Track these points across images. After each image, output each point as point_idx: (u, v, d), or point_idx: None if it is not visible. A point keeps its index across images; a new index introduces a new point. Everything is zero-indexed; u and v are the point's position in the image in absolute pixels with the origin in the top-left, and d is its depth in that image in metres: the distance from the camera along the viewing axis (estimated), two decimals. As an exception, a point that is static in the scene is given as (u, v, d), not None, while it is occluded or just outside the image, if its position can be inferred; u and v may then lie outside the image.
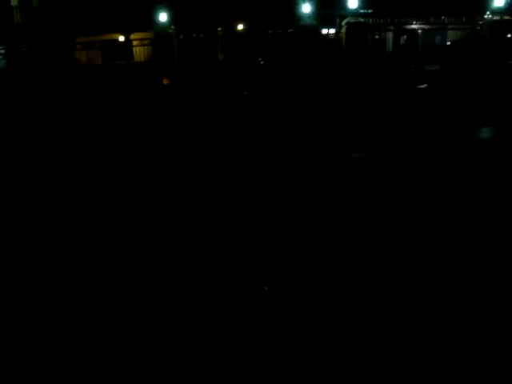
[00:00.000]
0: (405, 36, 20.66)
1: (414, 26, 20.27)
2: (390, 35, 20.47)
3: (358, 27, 18.79)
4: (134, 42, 19.89)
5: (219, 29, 19.83)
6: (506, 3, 20.19)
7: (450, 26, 20.87)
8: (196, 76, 18.64)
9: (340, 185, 8.92)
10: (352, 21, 18.76)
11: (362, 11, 19.11)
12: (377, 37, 20.22)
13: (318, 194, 8.39)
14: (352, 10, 18.78)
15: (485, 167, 9.78)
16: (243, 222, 7.18)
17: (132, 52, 19.72)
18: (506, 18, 20.28)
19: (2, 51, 20.10)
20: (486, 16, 20.27)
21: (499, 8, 20.07)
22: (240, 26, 19.69)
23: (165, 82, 18.18)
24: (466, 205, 7.62)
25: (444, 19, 20.57)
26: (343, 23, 19.09)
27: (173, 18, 18.55)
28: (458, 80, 18.67)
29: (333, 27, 19.62)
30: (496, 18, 20.12)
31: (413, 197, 8.14)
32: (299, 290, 5.18)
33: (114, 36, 20.79)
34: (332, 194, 8.40)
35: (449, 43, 20.99)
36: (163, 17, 18.53)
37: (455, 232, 6.52)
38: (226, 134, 13.56)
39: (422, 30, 20.55)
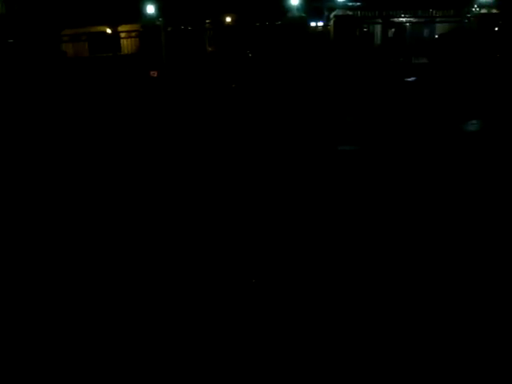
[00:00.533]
0: (393, 29, 20.71)
1: (402, 19, 20.34)
2: (378, 28, 20.51)
3: (347, 20, 18.80)
4: (122, 35, 19.74)
5: (207, 21, 19.78)
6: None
7: (437, 19, 20.97)
8: (184, 68, 18.55)
9: (326, 178, 8.94)
10: (340, 13, 18.74)
11: (351, 4, 19.14)
12: (365, 30, 20.27)
13: (303, 187, 8.40)
14: (340, 2, 18.77)
15: (473, 159, 9.85)
16: (227, 215, 7.18)
17: (119, 44, 19.57)
18: (494, 11, 20.39)
19: (-13, 43, 19.86)
20: (473, 9, 20.36)
21: (487, 1, 20.16)
22: (228, 19, 19.65)
23: (152, 74, 18.08)
24: (455, 197, 7.68)
25: (432, 12, 20.68)
26: (331, 16, 19.07)
27: (160, 9, 18.45)
28: (445, 73, 18.76)
29: (321, 20, 19.65)
30: (484, 11, 20.21)
31: (400, 189, 8.18)
32: (284, 284, 5.21)
33: (101, 28, 20.64)
34: (318, 186, 8.41)
35: (437, 36, 21.08)
36: (150, 9, 18.42)
37: (445, 225, 6.57)
38: (213, 127, 13.52)
39: (410, 23, 20.63)
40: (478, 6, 20.42)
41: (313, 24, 19.67)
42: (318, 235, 6.39)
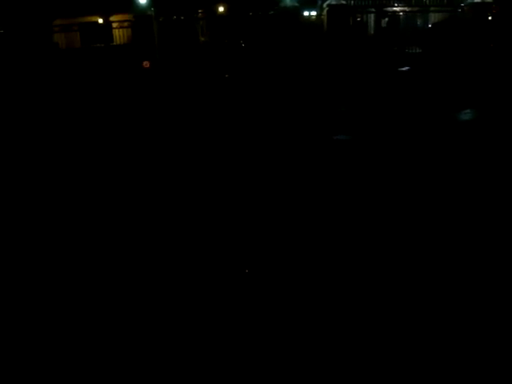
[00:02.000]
0: (386, 19, 20.65)
1: (395, 9, 20.28)
2: (371, 18, 20.43)
3: (340, 9, 18.73)
4: (114, 25, 19.55)
5: (200, 11, 19.63)
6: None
7: (431, 9, 20.91)
8: (177, 58, 18.43)
9: (322, 168, 8.94)
10: (333, 3, 18.67)
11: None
12: (358, 19, 20.19)
13: (297, 176, 8.40)
14: (334, -9, 18.69)
15: (466, 148, 9.88)
16: (223, 204, 7.18)
17: (112, 35, 19.39)
18: (487, 0, 20.39)
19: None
20: (466, -2, 20.35)
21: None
22: (221, 8, 19.52)
23: (145, 64, 17.95)
24: (447, 187, 7.69)
25: (425, 1, 20.63)
26: (325, 5, 18.99)
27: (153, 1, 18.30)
28: (439, 62, 18.75)
29: (314, 9, 19.55)
30: (477, 0, 20.20)
31: (392, 179, 8.19)
32: (273, 273, 5.21)
33: (93, 18, 20.43)
34: (313, 175, 8.41)
35: (430, 26, 21.04)
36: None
37: (437, 215, 6.59)
38: (207, 117, 13.47)
39: (404, 12, 20.57)
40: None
41: (306, 13, 19.58)
42: (312, 225, 6.40)
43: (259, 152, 9.96)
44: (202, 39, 20.05)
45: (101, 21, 19.83)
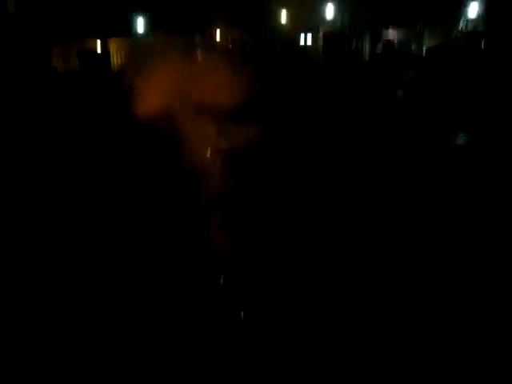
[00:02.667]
0: (381, 45, 20.96)
1: (390, 35, 20.59)
2: (366, 44, 20.74)
3: (335, 36, 19.04)
4: (111, 50, 19.81)
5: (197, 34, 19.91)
6: (480, 13, 20.68)
7: (425, 35, 21.25)
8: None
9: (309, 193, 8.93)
10: (329, 30, 18.98)
11: (340, 21, 19.36)
12: (354, 46, 20.48)
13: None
14: (329, 19, 19.01)
15: (460, 169, 9.91)
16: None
17: (109, 59, 19.62)
18: (480, 28, 20.77)
19: (-23, 58, 19.82)
20: (460, 26, 20.72)
21: (473, 18, 20.55)
22: (218, 33, 19.81)
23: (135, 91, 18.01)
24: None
25: (419, 28, 20.99)
26: (320, 33, 19.31)
27: (150, 24, 18.56)
28: (434, 87, 18.97)
29: (310, 35, 19.84)
30: (470, 28, 20.59)
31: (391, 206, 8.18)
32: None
33: (91, 43, 20.67)
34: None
35: (424, 52, 21.36)
36: (140, 23, 18.54)
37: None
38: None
39: (399, 38, 20.90)
40: (464, 23, 20.81)
41: (302, 38, 19.87)
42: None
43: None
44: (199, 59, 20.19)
45: (98, 46, 20.07)
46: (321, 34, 19.36)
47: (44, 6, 20.25)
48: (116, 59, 19.58)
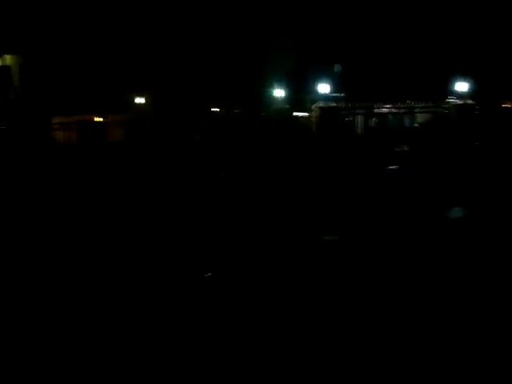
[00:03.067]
0: (374, 119, 21.51)
1: (383, 110, 21.18)
2: (358, 118, 21.28)
3: (329, 111, 19.56)
4: (110, 124, 20.33)
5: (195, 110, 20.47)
6: (468, 88, 21.46)
7: (417, 110, 21.90)
8: (171, 156, 18.86)
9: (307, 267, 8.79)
10: (322, 105, 19.53)
11: (332, 95, 19.98)
12: (346, 119, 21.01)
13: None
14: (322, 94, 19.61)
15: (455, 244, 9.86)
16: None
17: (106, 132, 20.09)
18: (469, 102, 21.47)
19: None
20: (450, 100, 21.42)
21: (463, 93, 21.28)
22: (215, 109, 20.39)
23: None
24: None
25: (411, 103, 21.65)
26: (313, 107, 19.85)
27: (149, 99, 19.15)
28: (427, 160, 19.24)
29: (304, 110, 20.40)
30: (460, 102, 21.28)
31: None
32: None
33: (90, 117, 21.23)
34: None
35: (417, 125, 21.90)
36: (140, 99, 19.11)
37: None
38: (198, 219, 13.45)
39: (391, 113, 21.48)
40: (454, 97, 21.53)
41: (296, 114, 20.42)
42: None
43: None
44: (197, 137, 20.65)
45: (98, 119, 20.58)
46: (314, 107, 19.89)
47: (46, 82, 20.95)
48: (113, 130, 20.05)
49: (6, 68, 23.63)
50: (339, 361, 5.51)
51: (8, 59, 23.78)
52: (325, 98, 19.63)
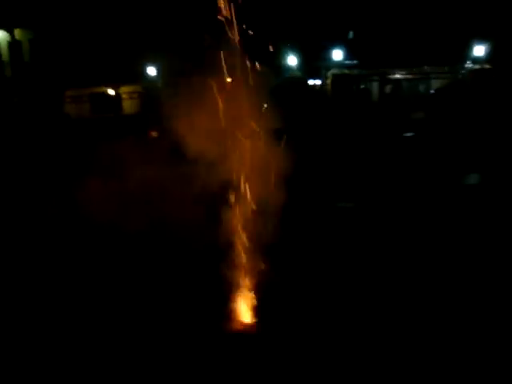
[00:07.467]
0: (389, 85, 21.14)
1: (398, 76, 20.79)
2: (374, 85, 20.94)
3: (343, 78, 19.26)
4: (124, 95, 20.15)
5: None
6: (486, 52, 20.92)
7: (433, 75, 21.45)
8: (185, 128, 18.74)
9: (324, 234, 8.77)
10: (337, 72, 19.23)
11: (347, 62, 19.64)
12: (362, 87, 20.68)
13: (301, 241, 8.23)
14: (337, 61, 19.28)
15: (472, 214, 9.74)
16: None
17: (121, 105, 19.94)
18: (486, 66, 20.95)
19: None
20: (466, 65, 20.93)
21: (479, 57, 20.76)
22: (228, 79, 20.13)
23: (153, 134, 18.19)
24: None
25: (427, 69, 21.19)
26: (328, 74, 19.55)
27: (161, 71, 18.90)
28: (443, 127, 18.94)
29: (319, 78, 20.11)
30: (477, 66, 20.77)
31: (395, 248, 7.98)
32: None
33: (103, 89, 21.08)
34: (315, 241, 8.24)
35: (433, 91, 21.48)
36: (152, 71, 18.91)
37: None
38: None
39: (406, 79, 21.09)
40: (471, 62, 21.02)
41: (311, 82, 20.13)
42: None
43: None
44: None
45: (111, 92, 20.43)
46: (329, 75, 19.60)
47: (57, 56, 20.78)
48: (128, 105, 19.91)
49: (16, 43, 23.51)
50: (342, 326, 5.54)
51: (18, 34, 23.63)
52: (339, 65, 19.30)
